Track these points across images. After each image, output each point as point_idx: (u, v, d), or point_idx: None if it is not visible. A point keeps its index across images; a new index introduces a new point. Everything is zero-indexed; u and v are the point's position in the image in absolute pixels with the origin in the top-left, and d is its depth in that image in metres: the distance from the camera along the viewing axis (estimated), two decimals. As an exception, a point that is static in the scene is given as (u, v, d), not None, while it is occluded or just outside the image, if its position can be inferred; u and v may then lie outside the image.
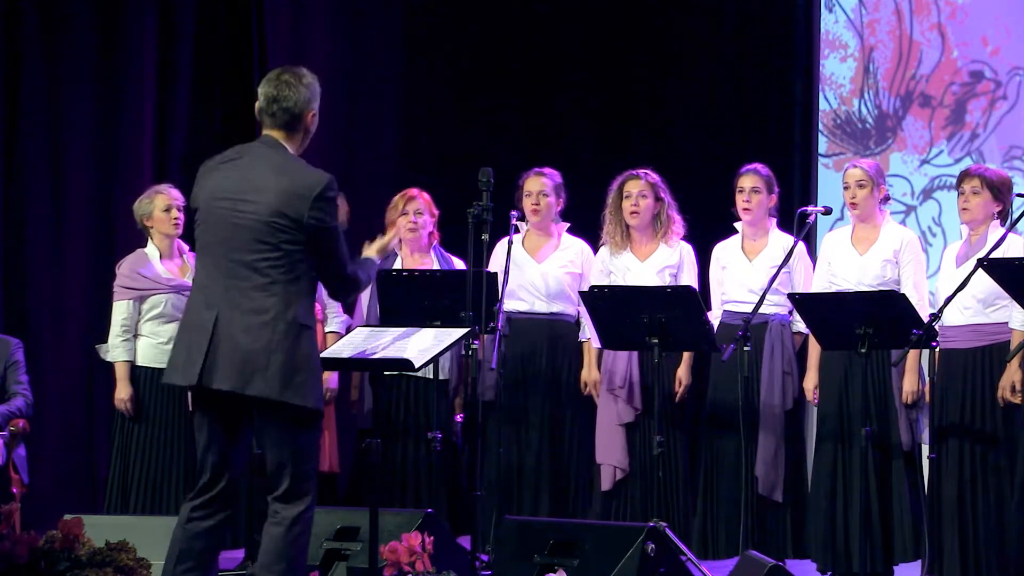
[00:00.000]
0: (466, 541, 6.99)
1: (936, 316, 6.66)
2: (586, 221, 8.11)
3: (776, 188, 7.77)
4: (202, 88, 9.61)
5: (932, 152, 9.38)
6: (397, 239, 7.95)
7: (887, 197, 7.55)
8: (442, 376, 7.87)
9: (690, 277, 7.83)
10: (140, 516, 7.51)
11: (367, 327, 6.44)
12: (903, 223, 9.05)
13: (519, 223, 7.94)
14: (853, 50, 9.62)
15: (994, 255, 6.61)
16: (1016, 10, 9.18)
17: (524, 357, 7.92)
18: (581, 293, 7.55)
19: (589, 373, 7.93)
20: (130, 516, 7.50)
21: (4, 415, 7.86)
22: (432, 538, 6.51)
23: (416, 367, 5.61)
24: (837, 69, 9.65)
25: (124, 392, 7.83)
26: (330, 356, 5.85)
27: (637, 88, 10.10)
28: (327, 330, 8.05)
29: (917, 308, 6.88)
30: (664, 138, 9.80)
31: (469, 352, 7.11)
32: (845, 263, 7.42)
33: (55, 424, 9.05)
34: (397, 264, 7.95)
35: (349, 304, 8.08)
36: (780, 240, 7.68)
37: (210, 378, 5.05)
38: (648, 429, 7.64)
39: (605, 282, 7.76)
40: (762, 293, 7.20)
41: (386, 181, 9.40)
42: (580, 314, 7.93)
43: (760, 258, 7.68)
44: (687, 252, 7.90)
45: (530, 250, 8.02)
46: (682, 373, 7.79)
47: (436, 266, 7.95)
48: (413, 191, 8.07)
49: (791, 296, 7.22)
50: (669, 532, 6.54)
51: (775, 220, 7.79)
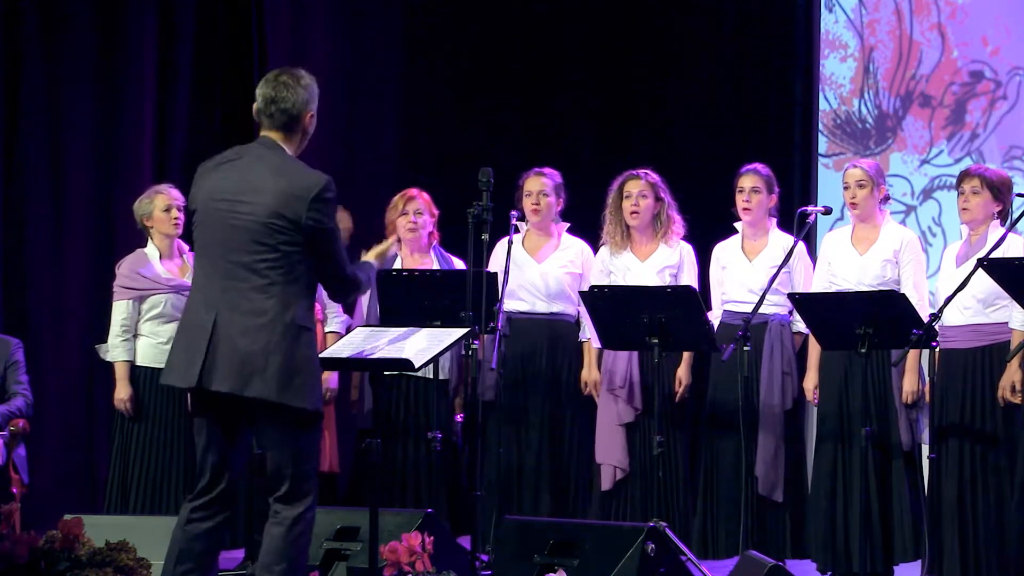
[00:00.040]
0: (466, 541, 6.99)
1: (936, 316, 6.65)
2: (586, 221, 8.10)
3: (776, 188, 7.77)
4: (202, 88, 9.61)
5: (932, 152, 9.38)
6: (396, 245, 7.96)
7: (887, 197, 7.54)
8: (442, 376, 7.87)
9: (690, 277, 7.83)
10: (140, 516, 7.51)
11: (367, 327, 6.43)
12: (903, 223, 9.04)
13: (519, 223, 7.94)
14: (853, 50, 9.62)
15: (994, 255, 6.61)
16: (1016, 10, 9.17)
17: (524, 357, 7.92)
18: (581, 293, 7.55)
19: (589, 373, 7.93)
20: (130, 516, 7.50)
21: (4, 415, 7.86)
22: (432, 538, 6.51)
23: (416, 367, 5.61)
24: (837, 69, 9.64)
25: (124, 392, 7.83)
26: (330, 356, 5.85)
27: (637, 88, 10.10)
28: (327, 330, 8.04)
29: (917, 308, 6.88)
30: (664, 138, 9.80)
31: (469, 352, 7.10)
32: (845, 263, 7.42)
33: (55, 424, 9.04)
34: (397, 264, 7.95)
35: (349, 304, 8.08)
36: (780, 240, 7.68)
37: (209, 380, 5.05)
38: (648, 429, 7.64)
39: (605, 282, 7.75)
40: (762, 293, 7.20)
41: (386, 181, 9.39)
42: (580, 314, 7.92)
43: (760, 258, 7.68)
44: (687, 252, 7.90)
45: (530, 250, 8.02)
46: (682, 373, 7.79)
47: (436, 266, 7.95)
48: (413, 191, 8.07)
49: (791, 296, 7.22)
50: (669, 532, 6.53)
51: (775, 220, 7.79)
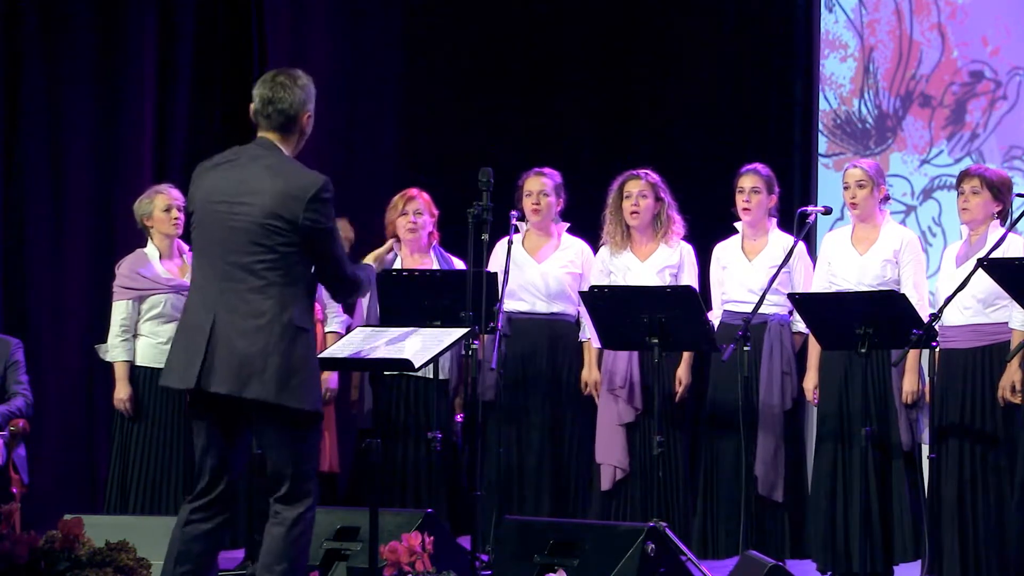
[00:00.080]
0: (466, 541, 6.99)
1: (936, 316, 6.65)
2: (586, 221, 8.10)
3: (776, 188, 7.77)
4: (202, 88, 9.61)
5: (932, 152, 9.38)
6: (396, 246, 7.97)
7: (887, 197, 7.54)
8: (442, 376, 7.86)
9: (690, 277, 7.83)
10: (140, 516, 7.51)
11: (367, 327, 6.43)
12: (903, 223, 9.04)
13: (519, 223, 7.94)
14: (853, 50, 9.62)
15: (994, 255, 6.61)
16: (1016, 10, 9.17)
17: (525, 357, 7.91)
18: (581, 293, 7.55)
19: (589, 373, 7.92)
20: (130, 516, 7.50)
21: (4, 415, 7.86)
22: (432, 538, 6.51)
23: (416, 367, 5.61)
24: (837, 69, 9.64)
25: (123, 392, 7.83)
26: (330, 356, 5.85)
27: (637, 88, 10.10)
28: (327, 330, 8.04)
29: (917, 308, 6.88)
30: (664, 138, 9.80)
31: (469, 352, 7.10)
32: (845, 263, 7.42)
33: (55, 424, 9.04)
34: (397, 264, 7.95)
35: (349, 304, 8.08)
36: (780, 240, 7.68)
37: (207, 381, 5.05)
38: (648, 429, 7.64)
39: (605, 282, 7.75)
40: (762, 293, 7.20)
41: (386, 181, 9.39)
42: (580, 314, 7.92)
43: (760, 258, 7.68)
44: (687, 252, 7.89)
45: (530, 250, 8.02)
46: (682, 373, 7.79)
47: (436, 266, 7.94)
48: (413, 191, 8.06)
49: (791, 296, 7.22)
50: (669, 532, 6.53)
51: (775, 220, 7.79)
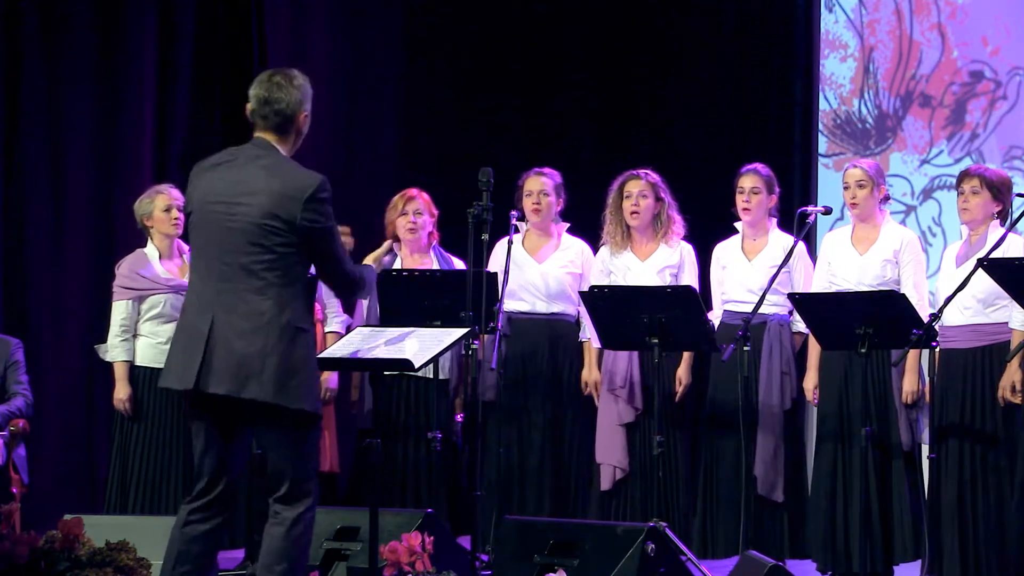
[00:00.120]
0: (466, 541, 6.99)
1: (936, 316, 6.65)
2: (586, 221, 8.10)
3: (776, 188, 7.77)
4: (202, 88, 9.60)
5: (932, 152, 9.38)
6: (396, 246, 7.96)
7: (887, 197, 7.54)
8: (442, 376, 7.86)
9: (691, 277, 7.83)
10: (140, 516, 7.51)
11: (367, 327, 6.44)
12: (903, 223, 9.04)
13: (519, 223, 7.94)
14: (853, 50, 9.62)
15: (994, 255, 6.61)
16: (1016, 10, 9.17)
17: (525, 357, 7.91)
18: (581, 293, 7.55)
19: (590, 373, 7.92)
20: (130, 516, 7.50)
21: (4, 415, 7.86)
22: (432, 538, 6.51)
23: (416, 367, 5.61)
24: (837, 69, 9.64)
25: (123, 392, 7.83)
26: (330, 356, 5.85)
27: (637, 88, 10.10)
28: (327, 330, 8.04)
29: (917, 308, 6.88)
30: (664, 138, 9.80)
31: (469, 352, 7.11)
32: (845, 263, 7.42)
33: (55, 424, 9.04)
34: (397, 264, 7.95)
35: (349, 304, 8.08)
36: (780, 240, 7.67)
37: (206, 382, 5.04)
38: (648, 429, 7.63)
39: (605, 282, 7.75)
40: (762, 293, 7.19)
41: (386, 181, 9.39)
42: (580, 314, 7.92)
43: (760, 258, 7.68)
44: (687, 252, 7.89)
45: (530, 250, 8.02)
46: (682, 373, 7.79)
47: (436, 266, 7.94)
48: (412, 191, 8.06)
49: (791, 296, 7.21)
50: (669, 532, 6.53)
51: (775, 220, 7.79)
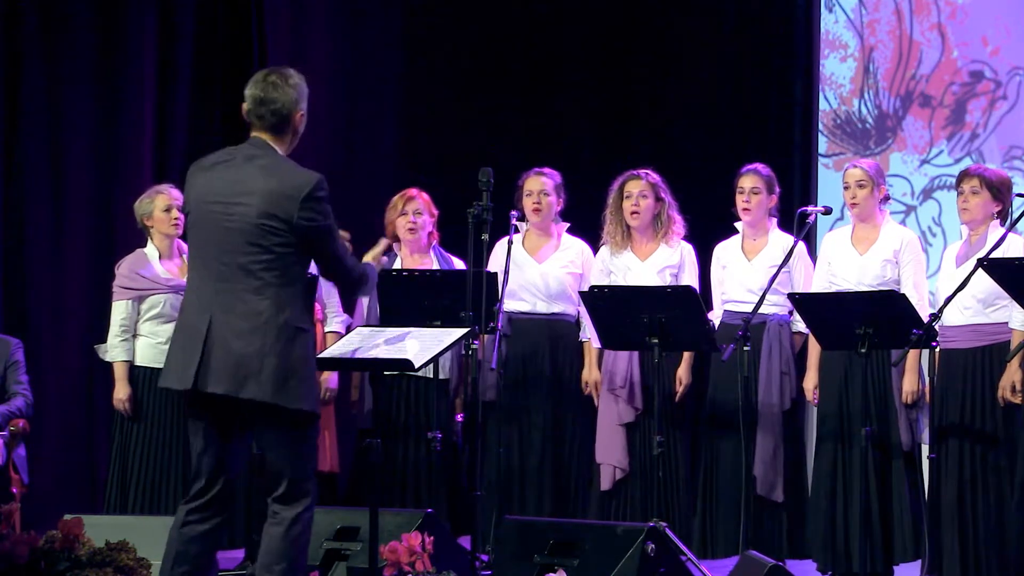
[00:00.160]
0: (466, 541, 6.99)
1: (936, 316, 6.65)
2: (586, 221, 8.10)
3: (776, 188, 7.77)
4: (202, 88, 9.60)
5: (932, 152, 9.38)
6: (396, 246, 7.96)
7: (887, 197, 7.54)
8: (442, 376, 7.86)
9: (691, 277, 7.83)
10: (140, 516, 7.50)
11: (367, 327, 6.44)
12: (903, 223, 9.04)
13: (519, 223, 7.94)
14: (853, 50, 9.62)
15: (994, 255, 6.61)
16: (1016, 10, 9.17)
17: (525, 357, 7.91)
18: (581, 293, 7.54)
19: (590, 373, 7.92)
20: (130, 516, 7.50)
21: (4, 415, 7.86)
22: (432, 538, 6.51)
23: (416, 367, 5.61)
24: (837, 69, 9.64)
25: (122, 392, 7.83)
26: (329, 356, 5.85)
27: (637, 88, 10.10)
28: (327, 330, 8.03)
29: (917, 308, 6.88)
30: (664, 138, 9.80)
31: (469, 352, 7.11)
32: (845, 263, 7.41)
33: (55, 424, 9.04)
34: (397, 264, 7.95)
35: (350, 303, 8.08)
36: (780, 240, 7.67)
37: (204, 382, 5.04)
38: (648, 429, 7.63)
39: (605, 282, 7.75)
40: (762, 293, 7.19)
41: (386, 181, 9.39)
42: (580, 314, 7.92)
43: (759, 258, 7.68)
44: (688, 252, 7.89)
45: (530, 250, 8.02)
46: (682, 373, 7.79)
47: (436, 266, 7.94)
48: (412, 191, 8.06)
49: (791, 296, 7.21)
50: (669, 532, 6.53)
51: (775, 220, 7.78)
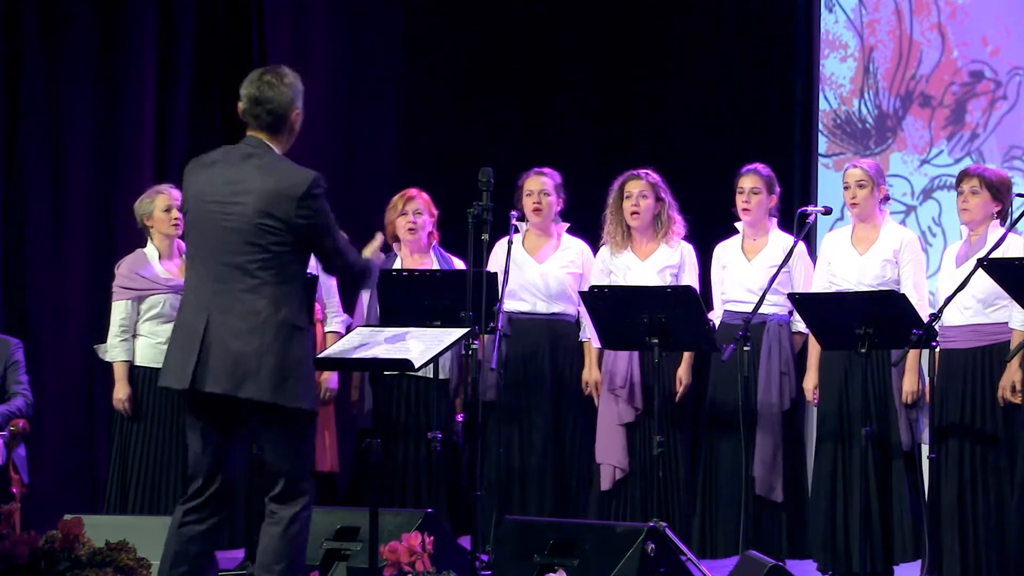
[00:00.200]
0: (466, 541, 6.99)
1: (936, 316, 6.65)
2: (586, 221, 8.10)
3: (776, 188, 7.76)
4: (202, 88, 9.60)
5: (932, 152, 9.38)
6: (396, 246, 7.96)
7: (887, 197, 7.54)
8: (442, 376, 7.86)
9: (691, 277, 7.83)
10: (140, 516, 7.50)
11: (367, 327, 6.44)
12: (903, 223, 9.04)
13: (519, 223, 7.94)
14: (853, 50, 9.62)
15: (994, 255, 6.61)
16: (1016, 10, 9.17)
17: (525, 357, 7.91)
18: (581, 293, 7.54)
19: (590, 373, 7.92)
20: (130, 516, 7.49)
21: (4, 415, 7.86)
22: (432, 538, 6.51)
23: (416, 367, 5.61)
24: (837, 69, 9.64)
25: (122, 392, 7.83)
26: (329, 356, 5.85)
27: (637, 88, 10.10)
28: (327, 330, 8.03)
29: (917, 308, 6.88)
30: (664, 138, 9.80)
31: (469, 352, 7.11)
32: (845, 263, 7.42)
33: (55, 424, 9.04)
34: (397, 264, 7.95)
35: (349, 304, 8.08)
36: (780, 240, 7.67)
37: (203, 381, 5.05)
38: (648, 429, 7.63)
39: (605, 282, 7.75)
40: (762, 293, 7.19)
41: (386, 181, 9.38)
42: (580, 314, 7.92)
43: (759, 258, 7.68)
44: (688, 252, 7.89)
45: (530, 250, 8.02)
46: (682, 373, 7.79)
47: (436, 266, 7.94)
48: (412, 191, 8.06)
49: (791, 296, 7.22)
50: (669, 532, 6.53)
51: (775, 220, 7.78)
